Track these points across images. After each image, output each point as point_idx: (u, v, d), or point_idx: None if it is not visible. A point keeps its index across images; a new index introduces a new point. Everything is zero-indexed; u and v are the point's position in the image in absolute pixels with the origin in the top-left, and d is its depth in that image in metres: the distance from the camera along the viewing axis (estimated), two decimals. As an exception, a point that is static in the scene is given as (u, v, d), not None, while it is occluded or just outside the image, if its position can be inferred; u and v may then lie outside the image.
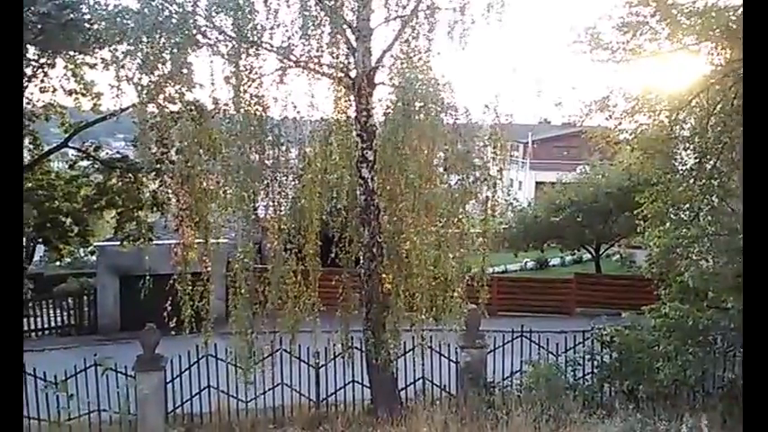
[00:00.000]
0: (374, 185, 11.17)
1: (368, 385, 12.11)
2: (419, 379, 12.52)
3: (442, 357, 12.47)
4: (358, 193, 11.26)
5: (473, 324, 11.96)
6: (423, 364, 12.17)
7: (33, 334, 21.93)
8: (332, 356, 12.30)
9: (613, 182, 23.57)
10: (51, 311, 22.64)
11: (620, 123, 12.17)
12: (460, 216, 10.46)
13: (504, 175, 11.07)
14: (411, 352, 11.96)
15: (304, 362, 12.46)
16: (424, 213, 10.15)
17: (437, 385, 12.50)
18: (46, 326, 22.33)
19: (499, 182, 10.67)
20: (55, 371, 11.84)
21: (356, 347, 12.10)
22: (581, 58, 11.16)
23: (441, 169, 10.89)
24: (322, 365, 12.53)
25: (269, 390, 12.11)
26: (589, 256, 29.22)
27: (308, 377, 12.62)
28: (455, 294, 10.38)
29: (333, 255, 11.81)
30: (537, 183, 42.74)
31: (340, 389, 12.62)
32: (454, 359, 12.53)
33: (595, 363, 12.04)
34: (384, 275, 11.35)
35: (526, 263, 32.70)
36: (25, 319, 22.38)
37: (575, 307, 23.13)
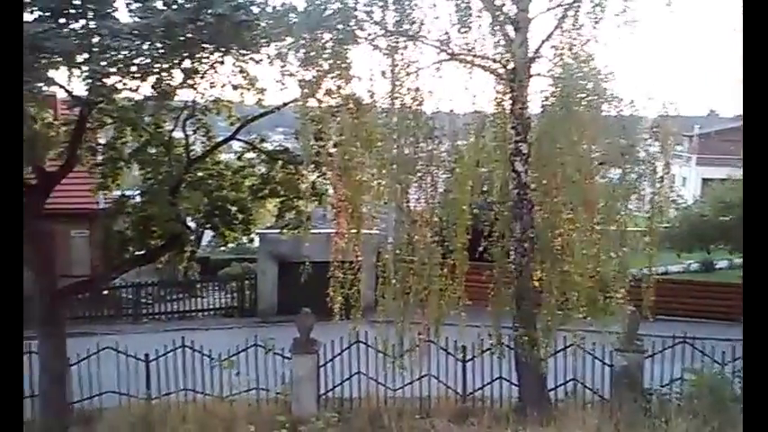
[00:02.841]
0: (528, 179, 10.92)
1: (516, 383, 11.90)
2: (570, 380, 12.12)
3: (596, 360, 11.99)
4: (510, 186, 11.05)
5: (631, 327, 11.39)
6: (575, 365, 11.77)
7: (199, 314, 23.74)
8: (479, 351, 12.21)
9: (793, 179, 21.43)
10: (216, 293, 24.40)
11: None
12: (622, 213, 9.95)
13: (669, 171, 10.44)
14: (562, 352, 11.61)
15: (451, 354, 12.48)
16: (581, 209, 9.75)
17: (589, 388, 12.04)
18: (210, 306, 24.09)
19: (666, 177, 10.06)
20: (219, 349, 12.76)
21: (504, 344, 11.92)
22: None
23: (596, 163, 10.41)
24: (469, 359, 12.50)
25: (416, 380, 12.26)
26: (762, 260, 26.79)
27: (454, 370, 12.64)
28: (617, 295, 9.90)
29: (482, 249, 11.67)
30: (704, 179, 39.84)
31: (487, 384, 12.51)
32: (609, 362, 12.01)
33: None
34: (536, 272, 11.08)
35: (690, 264, 30.64)
36: (192, 300, 24.31)
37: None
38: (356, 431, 11.05)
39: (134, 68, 10.35)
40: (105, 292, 21.97)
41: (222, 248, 29.99)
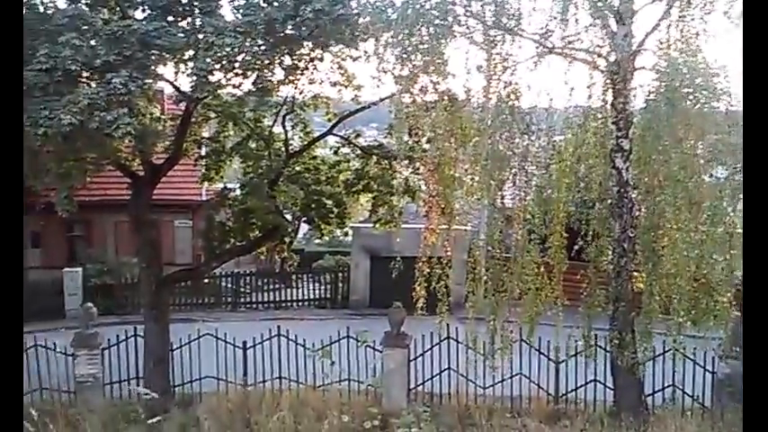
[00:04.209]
0: (628, 177, 10.54)
1: (611, 386, 11.53)
2: (669, 386, 11.63)
3: (697, 366, 11.45)
4: (610, 184, 10.70)
5: (736, 333, 10.78)
6: (674, 371, 11.29)
7: (294, 304, 24.33)
8: (573, 353, 11.91)
9: None
10: (310, 284, 24.97)
11: None
12: (729, 213, 9.42)
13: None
14: (660, 357, 11.15)
15: (543, 355, 12.25)
16: (686, 209, 9.31)
17: (689, 395, 11.52)
18: (304, 297, 24.65)
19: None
20: (312, 339, 13.05)
21: (599, 346, 11.57)
22: None
23: (703, 161, 9.90)
24: (562, 361, 12.22)
25: (507, 378, 12.12)
26: None
27: (546, 371, 12.39)
28: (722, 299, 9.39)
29: (577, 248, 11.36)
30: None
31: (580, 386, 12.20)
32: (711, 369, 11.44)
33: None
34: (635, 273, 10.69)
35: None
36: (287, 290, 24.96)
37: None
38: (446, 427, 11.03)
39: (237, 65, 10.70)
40: (206, 280, 22.89)
41: (317, 241, 30.64)
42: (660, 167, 9.65)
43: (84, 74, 10.16)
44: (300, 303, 24.31)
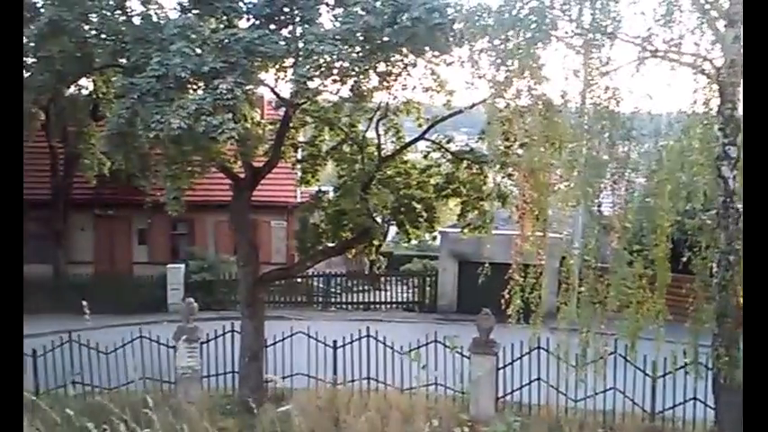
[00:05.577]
0: (735, 186, 10.02)
1: (712, 405, 10.99)
2: (777, 409, 10.97)
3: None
4: (716, 193, 10.22)
5: None
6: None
7: (382, 306, 24.60)
8: (672, 369, 11.43)
9: None
10: (397, 287, 25.14)
11: None
12: None
13: None
14: None
15: (640, 370, 11.83)
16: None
17: (800, 419, 10.82)
18: (392, 300, 24.84)
19: None
20: (400, 342, 13.16)
21: (700, 363, 11.06)
22: None
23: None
24: (660, 377, 11.76)
25: (600, 392, 11.78)
26: None
27: (642, 386, 11.98)
28: None
29: (684, 260, 10.87)
30: None
31: (678, 404, 11.72)
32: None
33: None
34: (740, 287, 10.14)
35: None
36: (376, 292, 25.23)
37: None
38: (536, 438, 10.87)
39: (335, 72, 10.94)
40: (299, 280, 23.45)
41: (405, 244, 30.80)
42: (770, 177, 9.13)
43: (193, 80, 10.66)
44: (388, 306, 24.55)
